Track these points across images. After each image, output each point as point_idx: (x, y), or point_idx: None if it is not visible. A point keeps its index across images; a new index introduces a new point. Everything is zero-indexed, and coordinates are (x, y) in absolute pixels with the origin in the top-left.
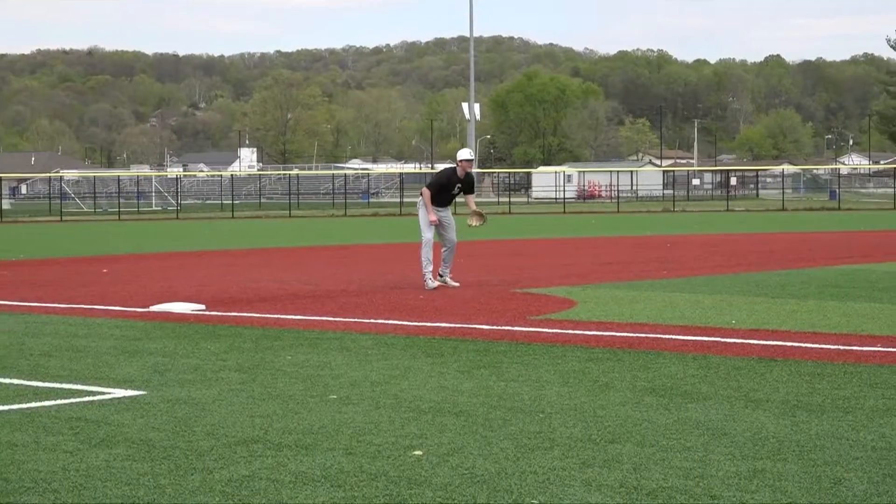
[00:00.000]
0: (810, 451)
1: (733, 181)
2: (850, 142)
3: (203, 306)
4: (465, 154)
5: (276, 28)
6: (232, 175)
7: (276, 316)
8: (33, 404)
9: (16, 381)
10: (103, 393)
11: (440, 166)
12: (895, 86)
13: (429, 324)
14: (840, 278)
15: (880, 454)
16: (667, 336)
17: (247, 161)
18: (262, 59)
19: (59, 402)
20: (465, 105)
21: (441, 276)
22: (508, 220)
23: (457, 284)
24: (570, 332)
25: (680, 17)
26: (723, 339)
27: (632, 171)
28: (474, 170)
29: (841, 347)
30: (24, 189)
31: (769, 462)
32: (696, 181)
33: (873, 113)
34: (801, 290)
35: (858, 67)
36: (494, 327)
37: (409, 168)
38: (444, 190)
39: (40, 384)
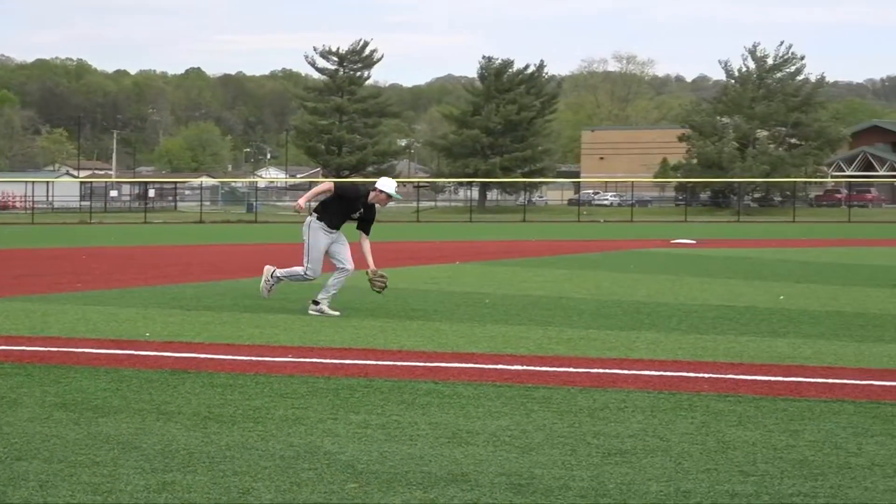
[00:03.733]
0: (220, 461)
1: (152, 193)
2: (269, 156)
3: None
4: (391, 186)
5: None
6: None
7: None
8: None
9: None
10: None
11: None
12: (312, 101)
13: None
14: (251, 288)
15: (288, 462)
16: (79, 350)
17: None
18: None
19: None
20: None
21: (317, 303)
22: None
23: (337, 313)
24: None
25: (102, 28)
26: (136, 352)
27: (48, 182)
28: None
29: (254, 359)
30: None
31: (179, 474)
32: (114, 193)
33: (291, 127)
34: (216, 301)
35: (277, 82)
36: None
37: None
38: (345, 207)
39: None
